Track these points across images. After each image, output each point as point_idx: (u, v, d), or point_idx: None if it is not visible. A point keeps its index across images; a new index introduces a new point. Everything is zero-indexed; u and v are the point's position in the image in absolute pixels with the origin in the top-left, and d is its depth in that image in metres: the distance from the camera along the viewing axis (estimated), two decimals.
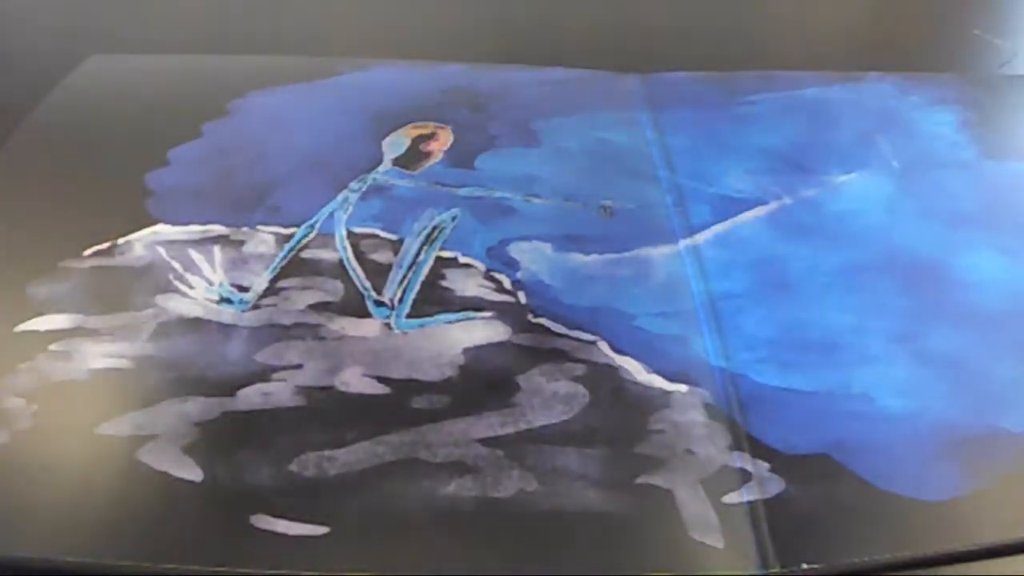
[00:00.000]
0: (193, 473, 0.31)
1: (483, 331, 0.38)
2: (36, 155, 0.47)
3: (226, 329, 0.37)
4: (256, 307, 0.38)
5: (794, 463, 0.33)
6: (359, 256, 0.41)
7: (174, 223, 0.42)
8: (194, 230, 0.42)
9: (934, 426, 0.34)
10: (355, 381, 0.35)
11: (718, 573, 0.29)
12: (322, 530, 0.30)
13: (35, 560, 0.28)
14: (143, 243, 0.41)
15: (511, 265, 0.41)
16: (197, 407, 0.33)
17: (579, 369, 0.36)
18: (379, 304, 0.39)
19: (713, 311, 0.39)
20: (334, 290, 0.39)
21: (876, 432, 0.34)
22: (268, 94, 0.53)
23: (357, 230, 0.43)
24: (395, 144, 0.49)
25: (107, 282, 0.39)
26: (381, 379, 0.35)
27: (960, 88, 0.53)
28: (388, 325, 0.38)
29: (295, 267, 0.40)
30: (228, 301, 0.38)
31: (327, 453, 0.32)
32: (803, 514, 0.31)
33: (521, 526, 0.30)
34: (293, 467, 0.32)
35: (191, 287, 0.39)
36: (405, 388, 0.35)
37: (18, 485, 0.31)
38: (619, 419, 0.34)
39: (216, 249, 0.41)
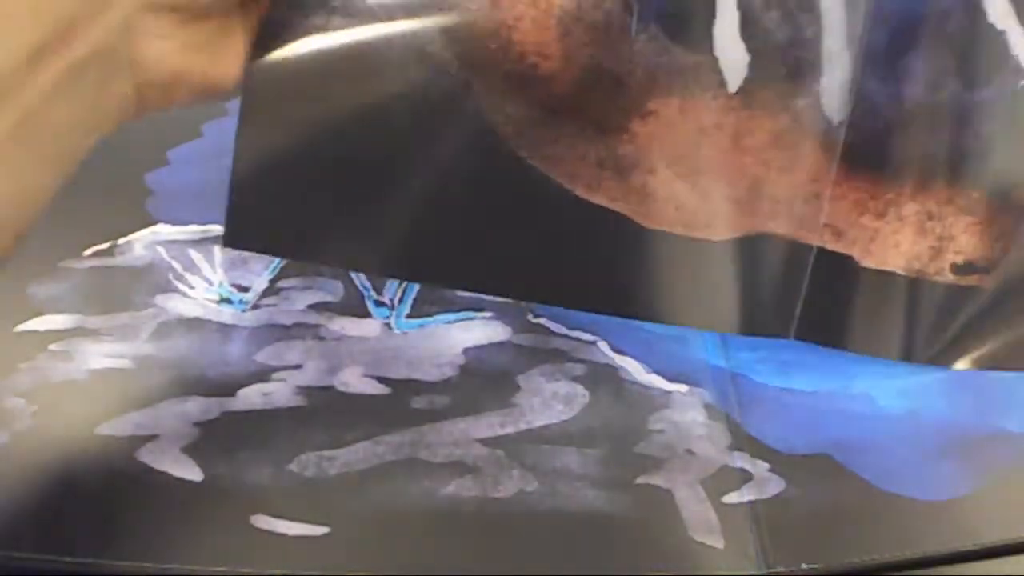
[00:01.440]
0: (193, 473, 0.31)
1: (483, 331, 0.38)
2: None
3: (226, 329, 0.37)
4: (256, 307, 0.38)
5: (794, 463, 0.33)
6: None
7: (174, 223, 0.42)
8: (194, 230, 0.42)
9: (934, 426, 0.34)
10: (355, 381, 0.35)
11: (718, 574, 0.29)
12: (322, 530, 0.30)
13: (35, 560, 0.28)
14: (143, 243, 0.41)
15: None
16: (197, 407, 0.33)
17: (579, 369, 0.36)
18: (379, 304, 0.39)
19: None
20: (334, 290, 0.39)
21: (876, 432, 0.34)
22: None
23: None
24: None
25: (107, 282, 0.39)
26: (381, 379, 0.35)
27: None
28: (388, 325, 0.38)
29: (295, 267, 0.40)
30: (228, 301, 0.38)
31: (327, 453, 0.32)
32: (803, 514, 0.31)
33: (521, 526, 0.30)
34: (293, 467, 0.31)
35: (191, 287, 0.39)
36: (405, 388, 0.35)
37: (18, 485, 0.31)
38: (619, 419, 0.34)
39: (216, 249, 0.41)
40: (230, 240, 0.29)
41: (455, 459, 0.32)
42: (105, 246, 0.40)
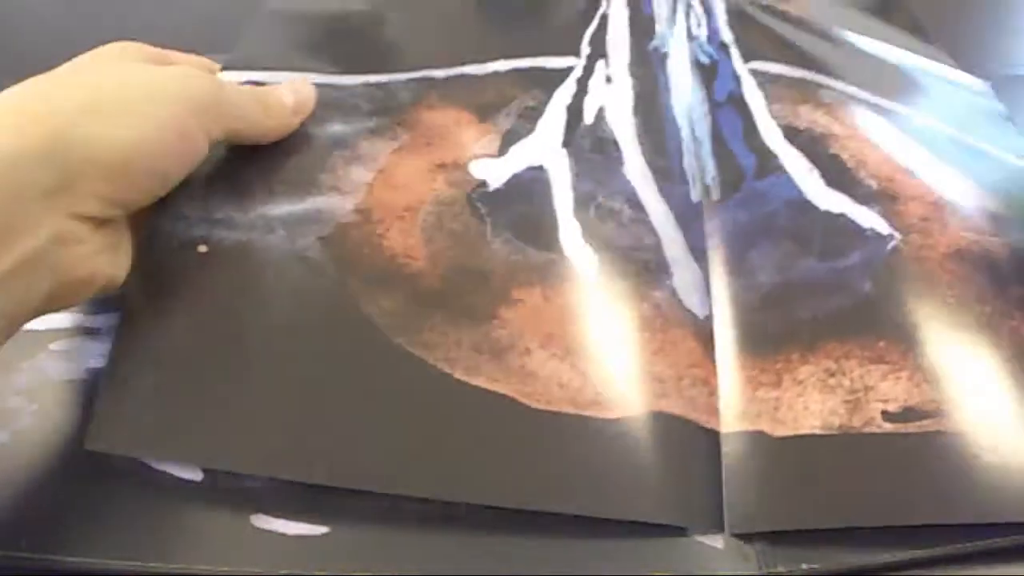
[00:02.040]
0: (193, 473, 0.31)
1: None
2: None
3: None
4: None
5: None
6: None
7: None
8: None
9: None
10: None
11: (718, 574, 0.29)
12: (322, 530, 0.30)
13: (35, 559, 0.28)
14: None
15: None
16: None
17: None
18: None
19: None
20: None
21: None
22: None
23: None
24: None
25: None
26: None
27: None
28: None
29: None
30: None
31: None
32: None
33: (522, 525, 0.30)
34: None
35: None
36: None
37: (18, 484, 0.30)
38: None
39: None
40: (94, 442, 0.29)
41: None
42: None
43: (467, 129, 0.37)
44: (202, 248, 0.31)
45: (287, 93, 0.35)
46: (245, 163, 0.33)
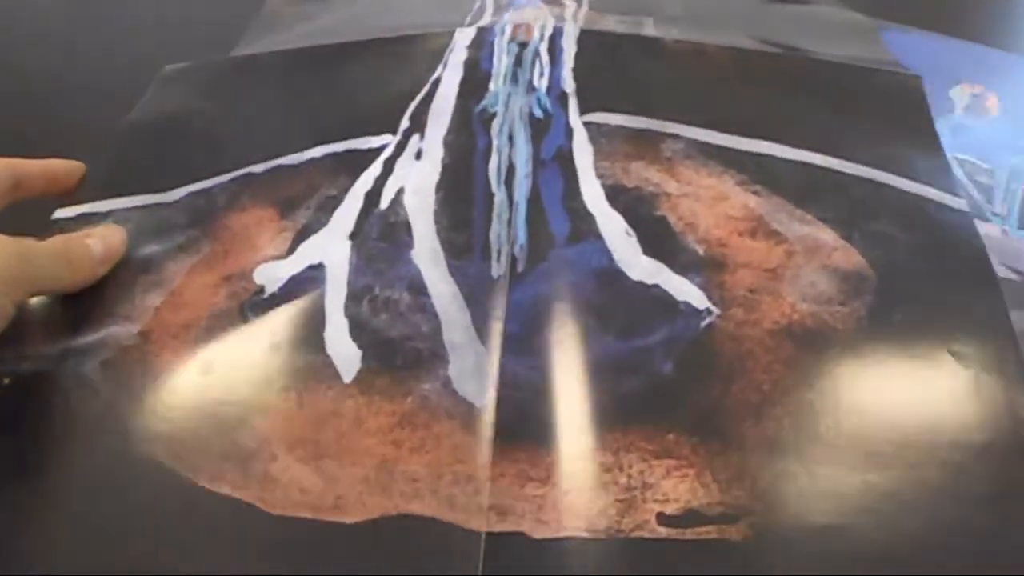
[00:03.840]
0: None
1: None
2: None
3: None
4: None
5: None
6: None
7: None
8: None
9: None
10: None
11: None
12: None
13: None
14: None
15: None
16: None
17: None
18: None
19: None
20: None
21: None
22: None
23: None
24: None
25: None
26: None
27: None
28: None
29: None
30: None
31: None
32: None
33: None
34: None
35: None
36: None
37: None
38: None
39: None
40: None
41: None
42: None
43: (266, 229, 0.37)
44: (6, 380, 0.32)
45: (96, 242, 0.36)
46: (58, 301, 0.35)
